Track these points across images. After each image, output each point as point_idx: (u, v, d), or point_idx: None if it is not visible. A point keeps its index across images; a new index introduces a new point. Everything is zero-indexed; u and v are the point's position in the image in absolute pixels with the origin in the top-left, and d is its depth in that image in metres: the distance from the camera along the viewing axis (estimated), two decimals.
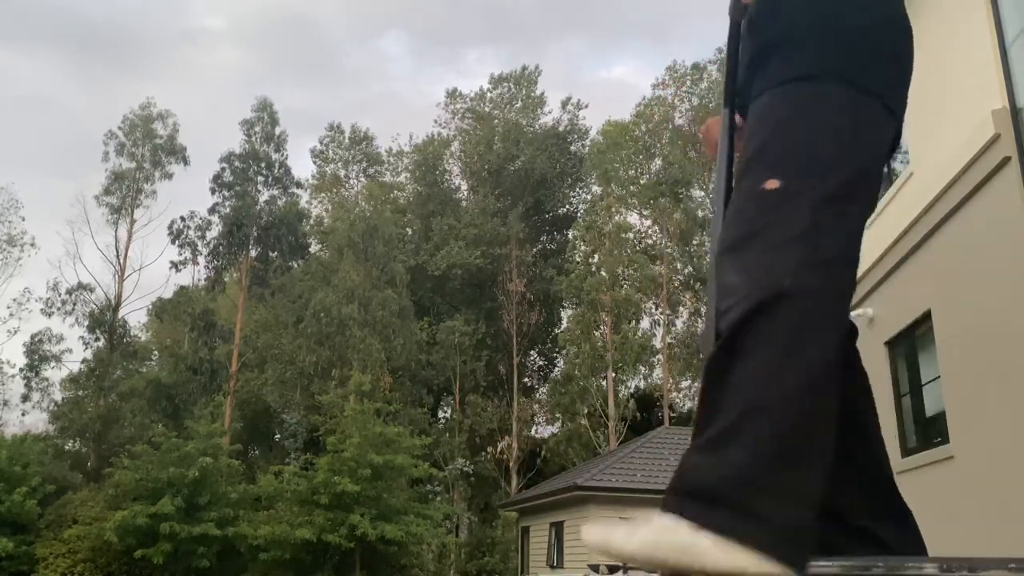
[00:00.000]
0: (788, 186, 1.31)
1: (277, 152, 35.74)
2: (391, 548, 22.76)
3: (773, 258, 1.25)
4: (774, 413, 1.17)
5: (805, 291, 1.23)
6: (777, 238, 1.27)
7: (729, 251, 1.32)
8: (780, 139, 1.37)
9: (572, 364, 32.84)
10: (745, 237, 1.30)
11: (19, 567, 23.34)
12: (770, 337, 1.20)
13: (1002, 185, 6.41)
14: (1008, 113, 6.35)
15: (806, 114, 1.38)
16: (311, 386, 31.96)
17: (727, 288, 1.28)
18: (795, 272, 1.23)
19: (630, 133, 37.54)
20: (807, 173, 1.32)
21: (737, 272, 1.28)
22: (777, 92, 1.43)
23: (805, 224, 1.27)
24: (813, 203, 1.29)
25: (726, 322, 1.24)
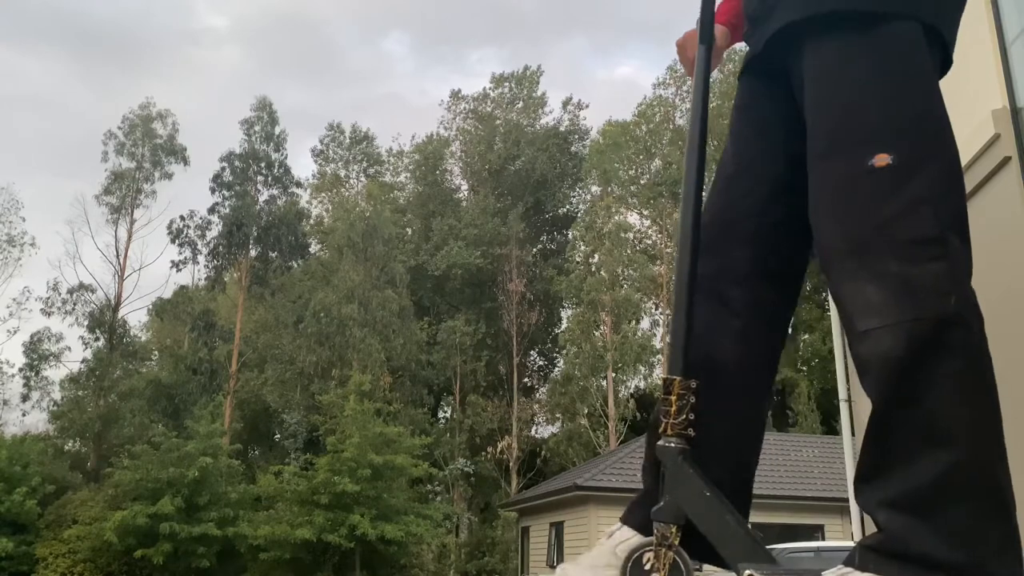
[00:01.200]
0: (901, 161, 1.14)
1: (277, 152, 35.75)
2: (391, 548, 22.75)
3: (918, 269, 1.09)
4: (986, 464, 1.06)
5: (970, 313, 1.11)
6: (908, 237, 1.11)
7: (852, 251, 1.14)
8: (873, 99, 1.18)
9: (572, 364, 32.83)
10: (869, 234, 1.13)
11: (19, 567, 23.33)
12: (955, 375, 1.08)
13: (1002, 185, 6.40)
14: (1008, 113, 6.34)
15: (892, 67, 1.20)
16: (311, 386, 31.95)
17: (865, 304, 1.12)
18: (951, 288, 1.09)
19: (631, 133, 37.54)
20: (917, 143, 1.16)
21: (872, 283, 1.11)
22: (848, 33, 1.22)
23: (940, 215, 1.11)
24: (934, 185, 1.13)
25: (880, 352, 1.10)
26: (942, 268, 1.10)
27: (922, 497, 1.06)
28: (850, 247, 1.15)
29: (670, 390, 1.40)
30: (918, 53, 1.21)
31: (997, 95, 6.68)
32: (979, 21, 7.08)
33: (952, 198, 1.15)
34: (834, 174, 1.20)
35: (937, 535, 1.04)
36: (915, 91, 1.19)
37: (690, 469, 1.36)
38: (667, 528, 1.33)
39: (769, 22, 1.34)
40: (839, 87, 1.22)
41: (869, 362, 1.12)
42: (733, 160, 1.51)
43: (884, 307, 1.10)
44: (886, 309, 1.10)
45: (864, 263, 1.13)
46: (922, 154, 1.15)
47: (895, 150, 1.14)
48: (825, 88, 1.23)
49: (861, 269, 1.13)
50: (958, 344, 1.10)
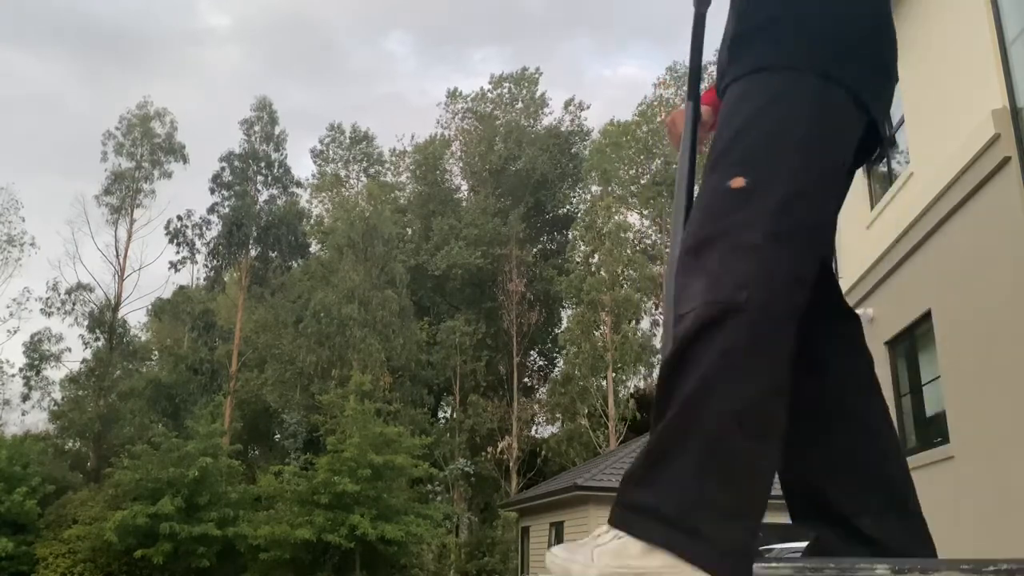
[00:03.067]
0: (754, 185, 1.29)
1: (277, 151, 35.74)
2: (391, 548, 22.75)
3: (732, 266, 1.24)
4: (717, 431, 1.17)
5: (759, 306, 1.22)
6: (737, 244, 1.25)
7: (691, 252, 1.31)
8: (747, 134, 1.35)
9: (572, 364, 32.82)
10: (707, 239, 1.29)
11: (19, 567, 23.33)
12: (719, 351, 1.19)
13: (1002, 185, 6.41)
14: (1008, 113, 6.35)
15: (772, 107, 1.36)
16: (311, 386, 31.95)
17: (686, 293, 1.28)
18: (752, 284, 1.22)
19: (631, 133, 37.55)
20: (773, 171, 1.31)
21: (696, 277, 1.27)
22: (745, 82, 1.42)
23: (767, 231, 1.26)
24: (777, 205, 1.28)
25: (681, 329, 1.24)
26: (749, 269, 1.23)
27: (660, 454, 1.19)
28: (693, 247, 1.31)
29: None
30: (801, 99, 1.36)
31: (997, 95, 6.69)
32: (979, 21, 7.09)
33: (787, 218, 1.28)
34: (704, 189, 1.38)
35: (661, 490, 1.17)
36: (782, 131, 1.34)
37: None
38: None
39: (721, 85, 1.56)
40: (726, 122, 1.41)
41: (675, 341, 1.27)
42: None
43: (696, 295, 1.25)
44: (697, 296, 1.25)
45: (696, 260, 1.29)
46: (770, 181, 1.29)
47: (752, 175, 1.30)
48: (721, 121, 1.44)
49: (692, 265, 1.29)
50: (733, 328, 1.20)
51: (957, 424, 7.33)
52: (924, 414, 8.38)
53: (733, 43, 1.51)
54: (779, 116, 1.35)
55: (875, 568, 1.20)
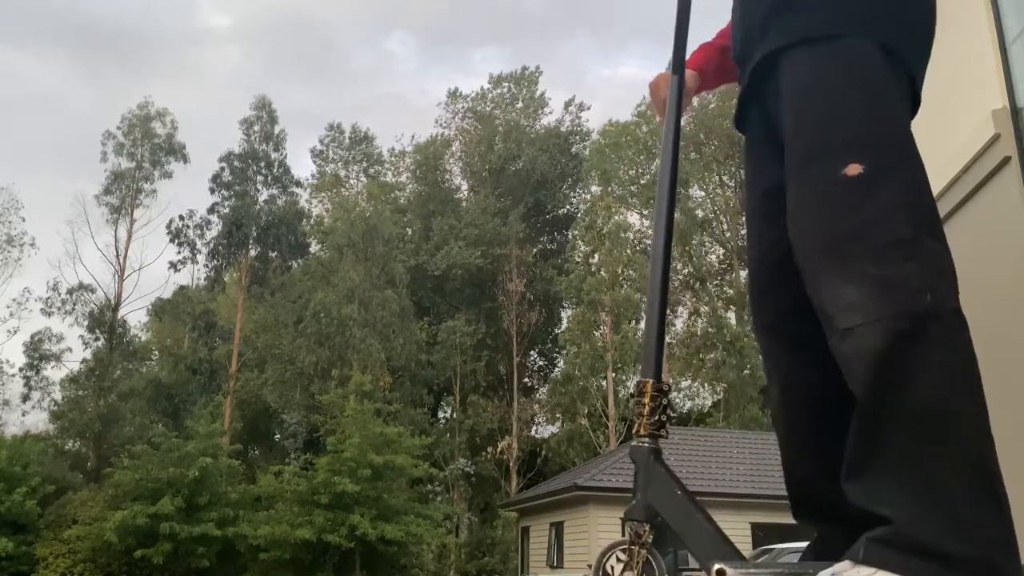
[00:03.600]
0: (872, 171, 1.20)
1: (276, 151, 35.73)
2: (391, 548, 22.75)
3: (894, 268, 1.14)
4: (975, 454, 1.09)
5: (949, 306, 1.14)
6: (888, 240, 1.16)
7: (831, 255, 1.20)
8: (842, 116, 1.25)
9: (572, 364, 32.82)
10: (846, 239, 1.19)
11: (19, 567, 23.32)
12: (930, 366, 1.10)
13: (1002, 185, 6.40)
14: (1008, 113, 6.34)
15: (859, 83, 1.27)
16: (311, 386, 31.95)
17: (846, 305, 1.16)
18: (929, 285, 1.13)
19: (631, 133, 37.54)
20: (885, 153, 1.22)
21: (851, 284, 1.16)
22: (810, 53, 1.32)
23: (913, 221, 1.17)
24: (905, 191, 1.19)
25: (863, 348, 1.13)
26: (917, 267, 1.15)
27: (924, 488, 1.07)
28: (828, 251, 1.21)
29: (643, 392, 1.47)
30: (881, 71, 1.28)
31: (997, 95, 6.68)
32: (979, 21, 7.09)
33: (923, 203, 1.21)
34: (810, 183, 1.26)
35: (942, 526, 1.05)
36: (881, 105, 1.25)
37: (661, 468, 1.41)
38: (640, 527, 1.36)
39: (753, 56, 1.46)
40: (811, 103, 1.30)
41: (853, 359, 1.16)
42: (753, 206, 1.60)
43: (864, 305, 1.14)
44: (866, 307, 1.14)
45: (842, 266, 1.18)
46: (891, 163, 1.21)
47: (866, 160, 1.20)
48: (799, 104, 1.31)
49: (839, 272, 1.18)
50: (938, 337, 1.12)
51: None
52: None
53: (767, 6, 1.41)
54: (871, 94, 1.27)
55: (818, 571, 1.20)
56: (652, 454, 1.43)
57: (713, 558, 1.30)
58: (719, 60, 1.86)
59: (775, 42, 1.37)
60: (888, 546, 1.08)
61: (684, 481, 1.44)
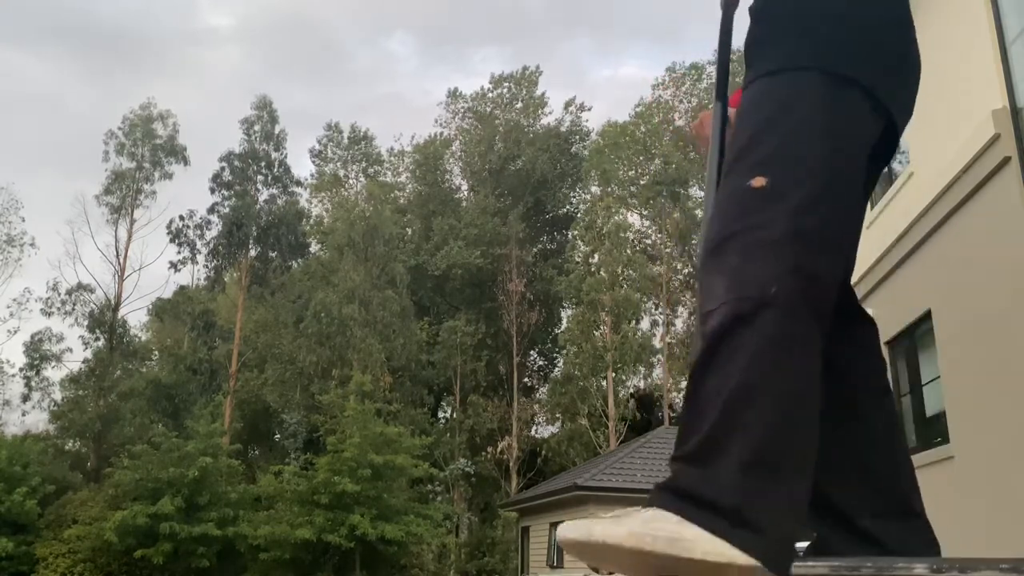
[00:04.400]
0: (774, 185, 1.29)
1: (277, 151, 35.74)
2: (391, 548, 22.75)
3: (755, 263, 1.24)
4: (756, 425, 1.16)
5: (786, 301, 1.22)
6: (759, 241, 1.26)
7: (712, 252, 1.31)
8: (765, 135, 1.36)
9: (572, 364, 32.83)
10: (727, 238, 1.29)
11: (19, 567, 23.33)
12: (751, 347, 1.19)
13: (1002, 185, 6.41)
14: (1008, 113, 6.35)
15: (787, 108, 1.37)
16: (311, 386, 31.96)
17: (710, 292, 1.28)
18: (777, 280, 1.22)
19: (630, 134, 37.55)
20: (793, 171, 1.31)
21: (719, 275, 1.27)
22: (761, 85, 1.43)
23: (788, 228, 1.26)
24: (799, 204, 1.28)
25: (708, 328, 1.24)
26: (775, 266, 1.24)
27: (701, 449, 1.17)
28: (713, 246, 1.31)
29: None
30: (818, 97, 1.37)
31: (997, 95, 6.69)
32: (979, 21, 7.09)
33: (810, 218, 1.28)
34: (723, 191, 1.38)
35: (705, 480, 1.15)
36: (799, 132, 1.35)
37: None
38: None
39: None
40: (743, 125, 1.41)
41: (703, 338, 1.26)
42: None
43: (722, 291, 1.25)
44: (722, 293, 1.24)
45: (717, 259, 1.29)
46: (794, 180, 1.30)
47: (772, 175, 1.31)
48: (737, 125, 1.44)
49: (713, 266, 1.29)
50: (767, 321, 1.20)
51: (957, 424, 7.33)
52: (924, 414, 8.38)
53: (747, 47, 1.52)
54: (795, 117, 1.36)
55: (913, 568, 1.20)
56: None
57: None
58: None
59: (744, 81, 1.49)
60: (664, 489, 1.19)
61: None
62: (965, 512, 6.79)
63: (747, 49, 1.52)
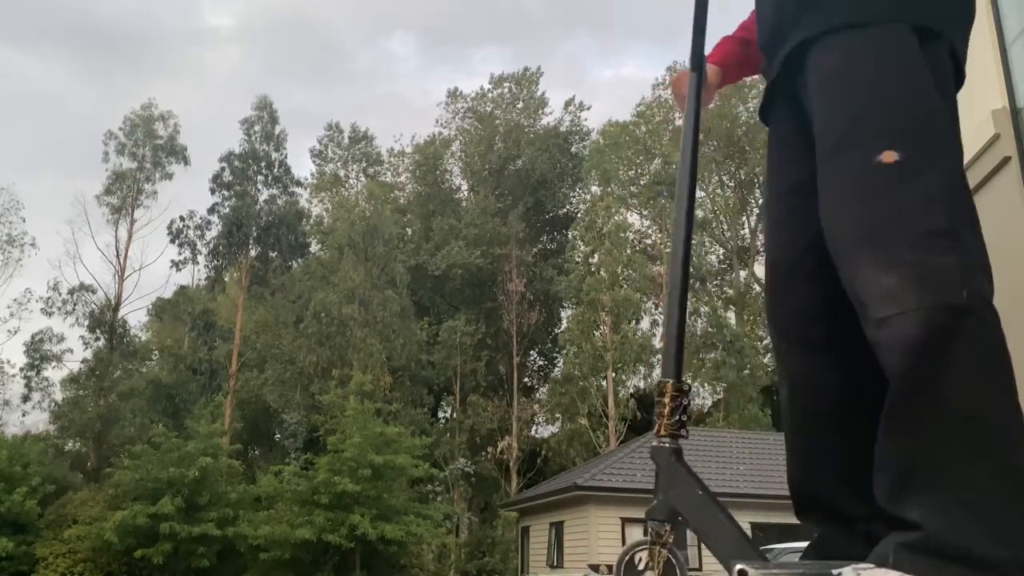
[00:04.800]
0: (909, 159, 1.18)
1: (277, 151, 35.71)
2: (391, 548, 22.74)
3: (931, 260, 1.12)
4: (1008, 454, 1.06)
5: (983, 305, 1.14)
6: (924, 232, 1.14)
7: (867, 243, 1.18)
8: (877, 103, 1.23)
9: (572, 364, 32.82)
10: (883, 226, 1.16)
11: (19, 567, 23.32)
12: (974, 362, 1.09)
13: (1002, 185, 6.40)
14: (1008, 113, 6.34)
15: (894, 70, 1.25)
16: (311, 386, 31.95)
17: (880, 292, 1.15)
18: (964, 280, 1.12)
19: (630, 133, 37.54)
20: (922, 143, 1.19)
21: (889, 272, 1.14)
22: (842, 42, 1.30)
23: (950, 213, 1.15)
24: (943, 181, 1.17)
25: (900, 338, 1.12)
26: (955, 260, 1.13)
27: (958, 494, 1.06)
28: (864, 238, 1.18)
29: (663, 392, 1.47)
30: (915, 56, 1.26)
31: (997, 95, 6.68)
32: (979, 21, 7.08)
33: (962, 196, 1.19)
34: (844, 169, 1.24)
35: (976, 532, 1.03)
36: (916, 93, 1.23)
37: (683, 469, 1.41)
38: (661, 527, 1.36)
39: (784, 46, 1.42)
40: (845, 90, 1.27)
41: (888, 347, 1.14)
42: (776, 202, 1.58)
43: (901, 295, 1.12)
44: (903, 296, 1.12)
45: (878, 253, 1.16)
46: (928, 153, 1.18)
47: (901, 148, 1.18)
48: (833, 91, 1.29)
49: (875, 259, 1.16)
50: (974, 333, 1.11)
51: None
52: None
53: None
54: (908, 79, 1.24)
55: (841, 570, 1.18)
56: (673, 454, 1.43)
57: (735, 558, 1.29)
58: (741, 54, 1.84)
59: (807, 31, 1.34)
60: (919, 552, 1.06)
61: None
62: None
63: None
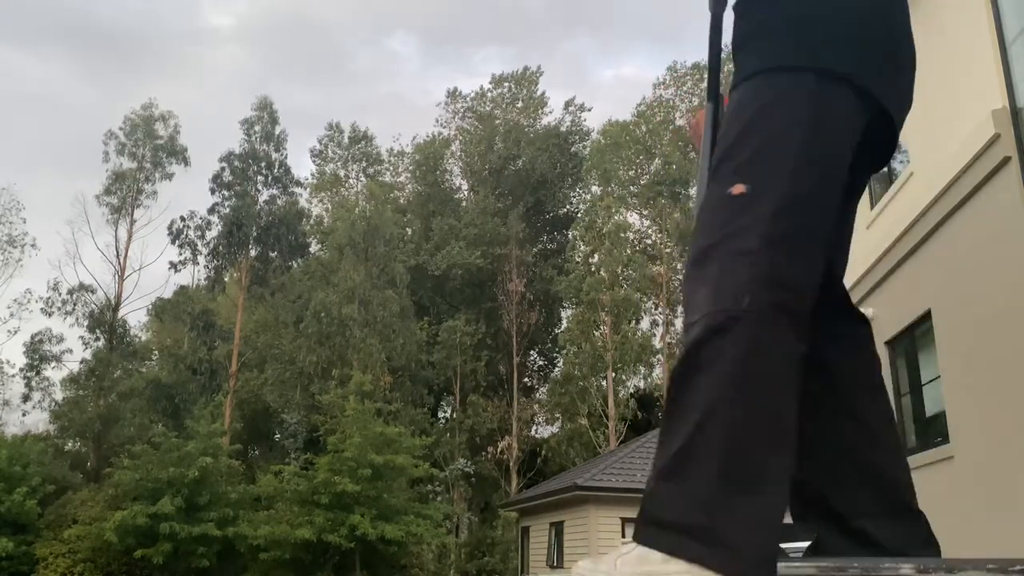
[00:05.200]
0: (752, 191, 1.29)
1: (277, 152, 35.72)
2: (391, 548, 22.75)
3: (731, 274, 1.24)
4: (730, 437, 1.16)
5: (760, 312, 1.22)
6: (736, 251, 1.26)
7: (694, 262, 1.31)
8: (747, 140, 1.34)
9: (572, 364, 32.83)
10: (708, 248, 1.29)
11: (19, 567, 23.33)
12: (725, 359, 1.19)
13: (1002, 185, 6.41)
14: (1008, 113, 6.35)
15: (769, 111, 1.35)
16: (311, 386, 31.95)
17: (692, 302, 1.28)
18: (750, 291, 1.22)
19: (631, 133, 37.55)
20: (769, 176, 1.30)
21: (700, 286, 1.27)
22: (747, 87, 1.41)
23: (762, 235, 1.25)
24: (774, 210, 1.27)
25: (688, 339, 1.25)
26: (748, 274, 1.23)
27: (674, 465, 1.17)
28: (695, 259, 1.32)
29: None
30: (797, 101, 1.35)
31: (997, 95, 6.69)
32: (979, 22, 7.09)
33: (785, 222, 1.28)
34: (707, 199, 1.38)
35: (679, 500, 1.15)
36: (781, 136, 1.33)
37: None
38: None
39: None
40: (729, 127, 1.40)
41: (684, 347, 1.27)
42: None
43: (702, 303, 1.25)
44: (702, 304, 1.25)
45: (699, 269, 1.30)
46: (770, 186, 1.29)
47: (751, 181, 1.30)
48: (723, 133, 1.43)
49: (697, 276, 1.29)
50: (741, 335, 1.20)
51: (957, 424, 7.33)
52: (924, 414, 8.38)
53: (734, 46, 1.51)
54: (776, 119, 1.34)
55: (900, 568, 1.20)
56: None
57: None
58: None
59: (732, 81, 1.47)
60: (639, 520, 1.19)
61: None
62: (965, 512, 6.79)
63: (734, 48, 1.50)
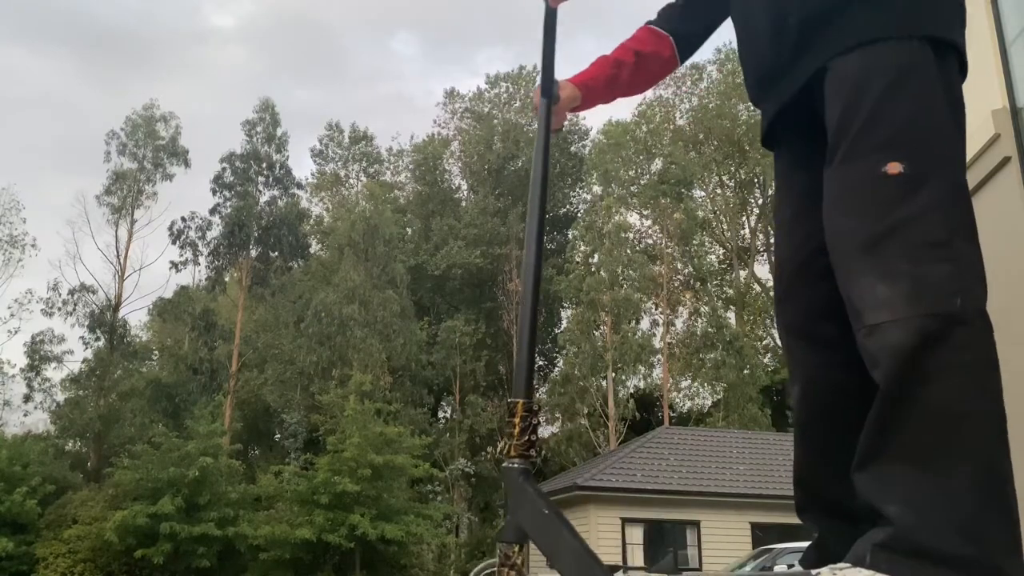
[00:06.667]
0: (913, 170, 1.20)
1: (278, 153, 35.73)
2: (391, 548, 22.75)
3: (928, 269, 1.15)
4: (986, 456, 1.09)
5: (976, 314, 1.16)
6: (923, 240, 1.16)
7: (865, 251, 1.20)
8: (888, 116, 1.25)
9: (572, 364, 32.83)
10: (882, 234, 1.19)
11: (19, 567, 23.32)
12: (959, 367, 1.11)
13: (1002, 185, 6.40)
14: (1008, 113, 6.34)
15: (905, 85, 1.27)
16: (311, 386, 31.94)
17: (875, 299, 1.17)
18: (957, 291, 1.14)
19: (631, 133, 37.54)
20: (926, 155, 1.22)
21: (884, 281, 1.17)
22: (859, 56, 1.31)
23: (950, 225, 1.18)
24: (943, 193, 1.20)
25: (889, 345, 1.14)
26: (950, 270, 1.15)
27: (933, 491, 1.08)
28: (862, 246, 1.21)
29: (513, 413, 1.47)
30: (929, 70, 1.28)
31: (997, 95, 6.68)
32: (979, 21, 7.09)
33: (960, 207, 1.21)
34: (850, 178, 1.27)
35: (948, 530, 1.05)
36: (924, 107, 1.25)
37: (530, 489, 1.41)
38: (510, 548, 1.34)
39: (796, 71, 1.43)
40: (856, 103, 1.29)
41: (878, 354, 1.16)
42: (787, 204, 1.61)
43: (894, 303, 1.15)
44: (896, 305, 1.15)
45: (875, 261, 1.19)
46: (931, 165, 1.21)
47: (906, 159, 1.21)
48: (846, 104, 1.31)
49: (872, 267, 1.19)
50: (965, 342, 1.13)
51: None
52: None
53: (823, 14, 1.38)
54: (918, 91, 1.27)
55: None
56: (522, 475, 1.43)
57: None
58: (611, 74, 1.88)
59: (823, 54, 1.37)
60: (894, 551, 1.08)
61: (684, 481, 1.44)
62: None
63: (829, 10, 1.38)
